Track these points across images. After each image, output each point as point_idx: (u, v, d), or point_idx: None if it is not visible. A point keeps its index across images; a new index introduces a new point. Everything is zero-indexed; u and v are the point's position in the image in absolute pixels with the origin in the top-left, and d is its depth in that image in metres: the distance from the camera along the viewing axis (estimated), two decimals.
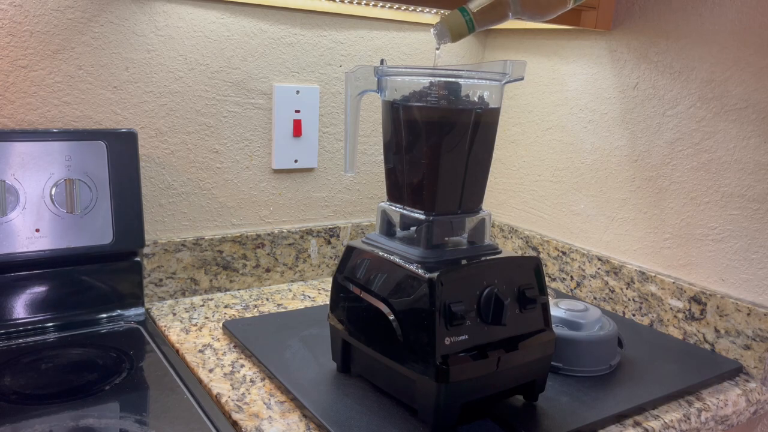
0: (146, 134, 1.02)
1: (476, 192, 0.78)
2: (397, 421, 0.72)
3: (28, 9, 0.90)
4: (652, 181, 1.06)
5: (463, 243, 0.78)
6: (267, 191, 1.16)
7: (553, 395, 0.79)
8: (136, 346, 0.89)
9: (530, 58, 1.26)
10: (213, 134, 1.08)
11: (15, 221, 0.88)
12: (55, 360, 0.84)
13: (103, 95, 0.97)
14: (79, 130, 0.93)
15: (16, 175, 0.88)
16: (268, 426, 0.72)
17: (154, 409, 0.74)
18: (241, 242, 1.12)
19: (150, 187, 1.04)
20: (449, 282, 0.68)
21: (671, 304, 1.03)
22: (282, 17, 1.10)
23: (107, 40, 0.96)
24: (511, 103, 1.31)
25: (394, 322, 0.71)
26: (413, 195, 0.76)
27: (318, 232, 1.21)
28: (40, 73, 0.92)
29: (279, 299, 1.10)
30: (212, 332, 0.95)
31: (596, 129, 1.15)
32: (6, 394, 0.75)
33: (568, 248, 1.20)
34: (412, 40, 1.24)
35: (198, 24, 1.03)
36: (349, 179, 1.24)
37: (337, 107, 1.20)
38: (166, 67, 1.02)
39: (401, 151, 0.75)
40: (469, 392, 0.70)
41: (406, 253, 0.74)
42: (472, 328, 0.69)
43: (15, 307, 0.91)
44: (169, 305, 1.05)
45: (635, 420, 0.78)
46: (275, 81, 1.12)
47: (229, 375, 0.83)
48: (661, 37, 1.03)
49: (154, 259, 1.04)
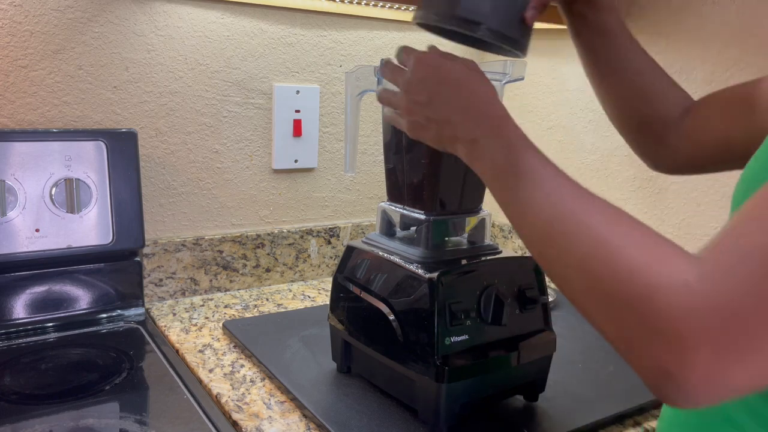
0: (146, 134, 1.02)
1: (476, 192, 0.78)
2: (397, 421, 0.72)
3: (28, 9, 0.90)
4: (653, 181, 1.06)
5: (463, 243, 0.78)
6: (267, 191, 1.16)
7: (553, 395, 0.79)
8: (136, 346, 0.89)
9: (530, 58, 1.26)
10: (213, 134, 1.08)
11: (15, 221, 0.88)
12: (55, 360, 0.84)
13: (103, 95, 0.97)
14: (79, 130, 0.93)
15: (16, 175, 0.88)
16: (268, 426, 0.72)
17: (154, 409, 0.74)
18: (241, 242, 1.12)
19: (150, 187, 1.04)
20: (449, 282, 0.68)
21: None
22: (282, 17, 1.10)
23: (107, 40, 0.96)
24: (511, 103, 1.31)
25: (394, 322, 0.71)
26: (413, 195, 0.76)
27: (318, 232, 1.21)
28: (40, 73, 0.92)
29: (279, 299, 1.10)
30: (212, 332, 0.95)
31: (597, 129, 1.15)
32: (6, 394, 0.75)
33: None
34: (412, 40, 1.24)
35: (198, 24, 1.03)
36: (349, 179, 1.24)
37: (337, 107, 1.20)
38: (166, 67, 1.02)
39: (401, 151, 0.75)
40: (469, 392, 0.70)
41: (406, 253, 0.74)
42: (472, 328, 0.69)
43: (15, 307, 0.91)
44: (169, 305, 1.05)
45: (635, 420, 0.78)
46: (275, 81, 1.12)
47: (229, 375, 0.83)
48: (661, 37, 1.03)
49: (154, 259, 1.04)
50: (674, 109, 0.71)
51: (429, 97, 0.57)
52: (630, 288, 0.38)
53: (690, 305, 0.35)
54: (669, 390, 0.37)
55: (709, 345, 0.35)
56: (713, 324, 0.35)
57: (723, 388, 0.36)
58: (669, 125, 0.70)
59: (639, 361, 0.39)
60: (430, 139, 0.60)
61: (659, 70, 0.71)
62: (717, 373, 0.35)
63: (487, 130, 0.53)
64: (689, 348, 0.35)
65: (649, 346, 0.37)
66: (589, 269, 0.42)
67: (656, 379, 0.38)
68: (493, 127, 0.53)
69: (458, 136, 0.56)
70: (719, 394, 0.36)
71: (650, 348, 0.37)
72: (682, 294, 0.36)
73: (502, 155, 0.52)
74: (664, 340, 0.36)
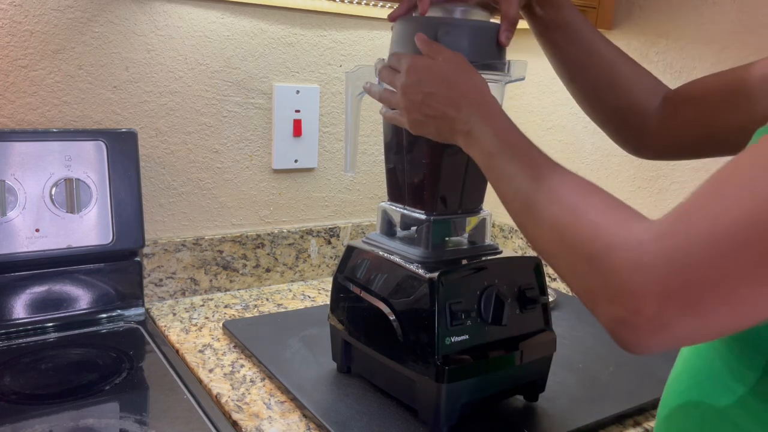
0: (146, 134, 1.02)
1: (477, 192, 0.78)
2: (397, 421, 0.72)
3: (28, 9, 0.90)
4: (653, 181, 1.06)
5: (464, 243, 0.78)
6: (267, 191, 1.16)
7: (553, 395, 0.79)
8: (136, 346, 0.89)
9: (531, 58, 1.26)
10: (213, 134, 1.08)
11: (15, 221, 0.88)
12: (55, 360, 0.84)
13: (103, 95, 0.97)
14: (79, 130, 0.93)
15: (16, 175, 0.88)
16: (268, 426, 0.72)
17: (154, 409, 0.74)
18: (241, 242, 1.12)
19: (150, 187, 1.04)
20: (450, 282, 0.68)
21: None
22: (282, 17, 1.10)
23: (107, 40, 0.96)
24: (511, 103, 1.31)
25: (394, 322, 0.71)
26: (414, 195, 0.76)
27: (318, 232, 1.21)
28: (40, 72, 0.92)
29: (279, 299, 1.10)
30: (212, 332, 0.95)
31: (597, 129, 1.15)
32: (6, 394, 0.75)
33: None
34: None
35: (198, 24, 1.03)
36: (349, 179, 1.24)
37: (337, 107, 1.20)
38: (166, 67, 1.01)
39: (402, 151, 0.75)
40: (469, 392, 0.70)
41: (406, 253, 0.74)
42: (472, 329, 0.69)
43: (15, 307, 0.90)
44: (169, 305, 1.05)
45: (635, 420, 0.78)
46: (275, 81, 1.12)
47: (229, 375, 0.83)
48: (662, 37, 1.03)
49: (154, 259, 1.04)
50: (650, 97, 0.71)
51: (424, 97, 0.62)
52: (591, 246, 0.44)
53: (641, 261, 0.40)
54: (623, 337, 0.42)
55: (656, 296, 0.39)
56: (660, 278, 0.39)
57: (669, 336, 0.40)
58: (647, 114, 0.71)
59: (599, 310, 0.43)
60: (432, 134, 0.65)
61: (628, 59, 0.72)
62: (663, 322, 0.39)
63: (479, 120, 0.59)
64: (639, 299, 0.40)
65: (606, 298, 0.42)
66: (558, 232, 0.48)
67: (613, 327, 0.42)
68: (483, 116, 0.59)
69: (455, 128, 0.61)
70: (665, 341, 0.40)
71: (607, 299, 0.42)
72: (635, 251, 0.40)
73: (492, 141, 0.57)
74: (618, 292, 0.41)
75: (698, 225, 0.39)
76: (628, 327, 0.41)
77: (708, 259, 0.38)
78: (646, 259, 0.40)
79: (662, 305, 0.39)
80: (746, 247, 0.37)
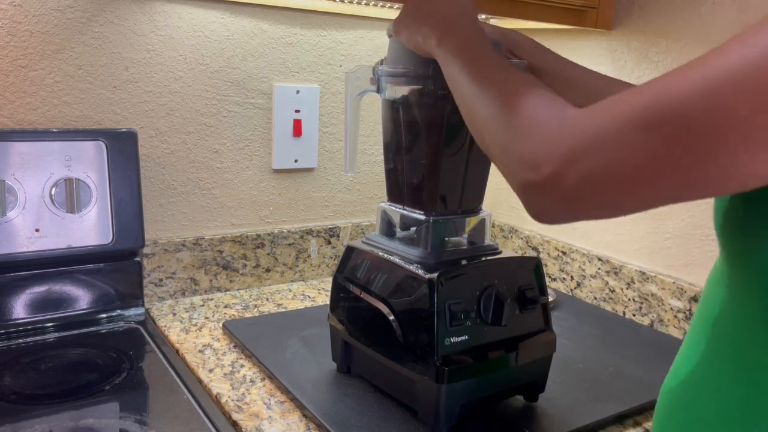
0: (146, 134, 1.02)
1: (476, 192, 0.78)
2: (397, 422, 0.72)
3: (28, 9, 0.90)
4: None
5: (464, 243, 0.78)
6: (267, 191, 1.16)
7: (553, 395, 0.79)
8: (136, 346, 0.89)
9: None
10: (213, 134, 1.08)
11: (15, 221, 0.88)
12: (55, 360, 0.84)
13: (103, 95, 0.97)
14: (78, 130, 0.93)
15: (15, 175, 0.88)
16: (268, 426, 0.72)
17: (154, 409, 0.74)
18: (241, 242, 1.12)
19: (150, 187, 1.04)
20: (449, 282, 0.68)
21: (671, 304, 1.03)
22: (282, 17, 1.10)
23: (107, 40, 0.96)
24: None
25: (394, 323, 0.71)
26: (413, 195, 0.76)
27: (318, 232, 1.21)
28: (40, 72, 0.92)
29: (279, 299, 1.10)
30: (212, 332, 0.95)
31: None
32: (6, 394, 0.75)
33: (568, 248, 1.20)
34: None
35: (198, 24, 1.03)
36: (349, 179, 1.24)
37: (337, 107, 1.20)
38: (166, 67, 1.01)
39: (401, 151, 0.75)
40: (469, 392, 0.70)
41: (406, 253, 0.74)
42: (472, 329, 0.69)
43: (15, 307, 0.91)
44: (169, 305, 1.05)
45: (635, 420, 0.78)
46: (275, 81, 1.12)
47: (229, 375, 0.83)
48: (662, 37, 1.03)
49: (154, 259, 1.04)
50: None
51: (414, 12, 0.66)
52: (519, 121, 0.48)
53: (556, 134, 0.45)
54: (532, 202, 0.47)
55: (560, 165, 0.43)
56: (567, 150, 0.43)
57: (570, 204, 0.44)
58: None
59: (514, 178, 0.48)
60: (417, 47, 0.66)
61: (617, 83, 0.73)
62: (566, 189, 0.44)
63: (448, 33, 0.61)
64: (547, 166, 0.44)
65: (520, 168, 0.47)
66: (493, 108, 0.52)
67: (524, 194, 0.47)
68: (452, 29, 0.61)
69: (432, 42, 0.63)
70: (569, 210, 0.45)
71: (521, 168, 0.46)
72: (555, 128, 0.45)
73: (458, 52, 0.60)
74: (532, 162, 0.45)
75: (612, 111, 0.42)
76: (537, 193, 0.45)
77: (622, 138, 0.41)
78: (560, 133, 0.44)
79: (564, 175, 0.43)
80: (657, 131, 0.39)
